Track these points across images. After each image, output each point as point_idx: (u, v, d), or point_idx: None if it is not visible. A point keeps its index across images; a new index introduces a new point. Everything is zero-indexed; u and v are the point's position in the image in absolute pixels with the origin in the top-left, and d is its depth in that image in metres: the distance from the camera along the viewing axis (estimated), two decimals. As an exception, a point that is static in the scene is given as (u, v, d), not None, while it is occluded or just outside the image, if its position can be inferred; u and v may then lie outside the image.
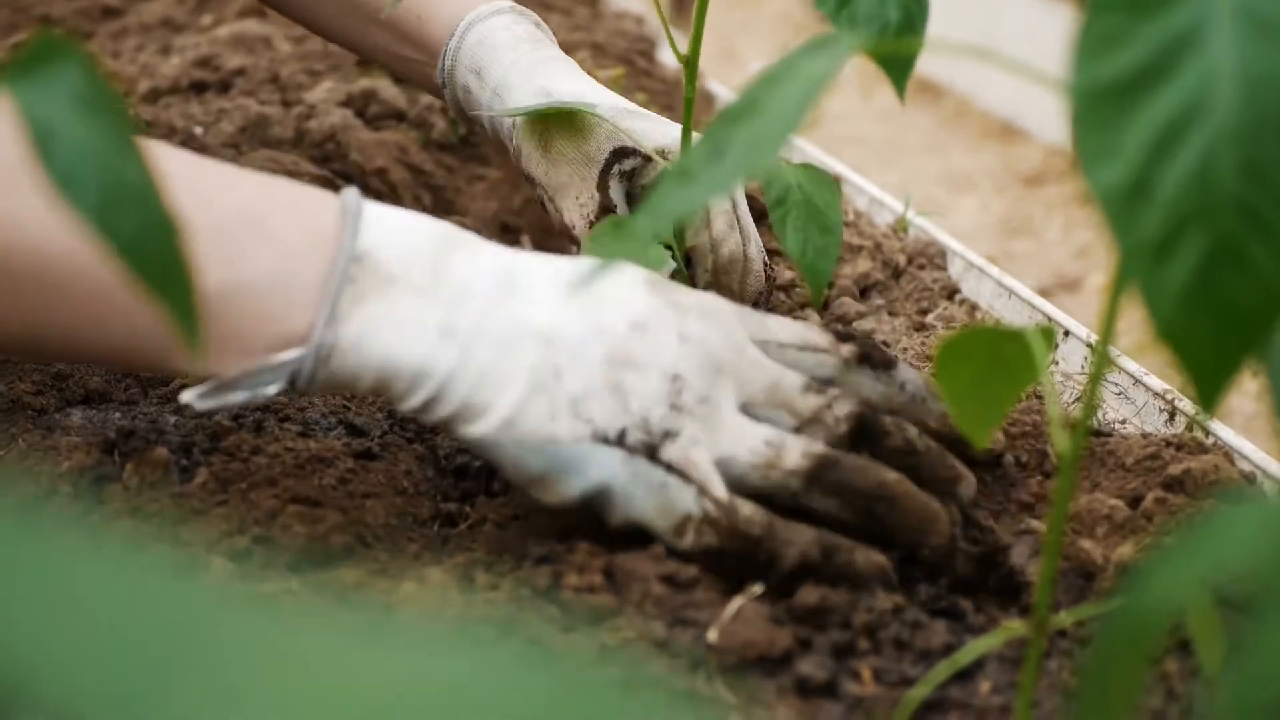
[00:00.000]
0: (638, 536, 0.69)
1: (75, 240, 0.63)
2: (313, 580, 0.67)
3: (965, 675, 0.63)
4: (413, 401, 0.68)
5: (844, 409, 0.70)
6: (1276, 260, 0.39)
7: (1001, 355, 0.52)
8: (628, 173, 0.98)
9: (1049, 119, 2.94)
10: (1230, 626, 0.53)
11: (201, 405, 0.68)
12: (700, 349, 0.69)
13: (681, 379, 0.68)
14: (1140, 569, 0.31)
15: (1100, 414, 0.90)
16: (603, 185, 0.97)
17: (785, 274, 1.07)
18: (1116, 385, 0.93)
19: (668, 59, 1.64)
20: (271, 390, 0.68)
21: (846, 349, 0.72)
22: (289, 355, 0.67)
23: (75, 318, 0.67)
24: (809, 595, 0.66)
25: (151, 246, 0.37)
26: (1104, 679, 0.29)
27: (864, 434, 0.70)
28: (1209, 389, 0.40)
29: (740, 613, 0.64)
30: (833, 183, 0.80)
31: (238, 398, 0.67)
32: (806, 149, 1.40)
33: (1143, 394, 0.91)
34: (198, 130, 1.28)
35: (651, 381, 0.68)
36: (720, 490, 0.67)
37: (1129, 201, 0.39)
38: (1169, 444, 0.74)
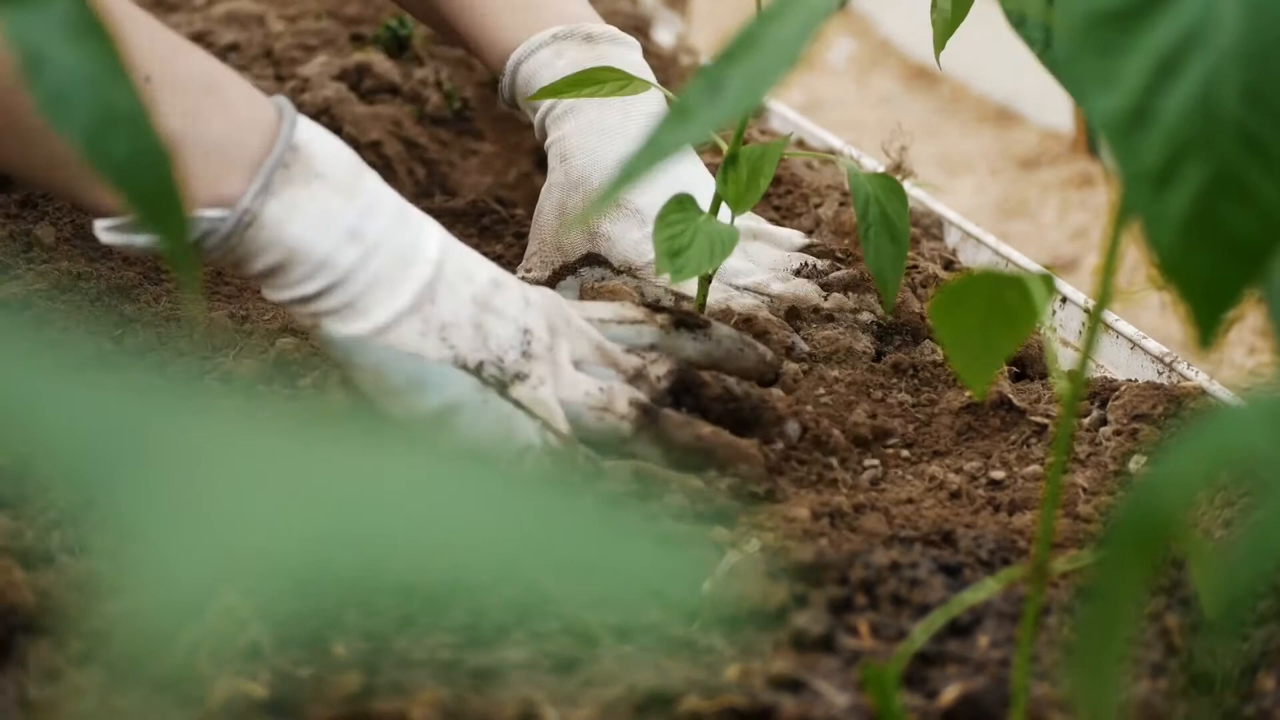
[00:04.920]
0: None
1: None
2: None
3: (964, 630, 0.63)
4: (305, 289, 0.72)
5: (662, 368, 0.78)
6: (1277, 189, 0.39)
7: (1001, 301, 0.51)
8: (596, 279, 0.94)
9: (1045, 103, 2.94)
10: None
11: (108, 239, 0.71)
12: (541, 311, 0.77)
13: (531, 332, 0.75)
14: (1151, 459, 0.31)
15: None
16: (555, 280, 0.95)
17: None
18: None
19: (663, 38, 1.63)
20: None
21: (662, 317, 0.80)
22: (213, 213, 0.71)
23: None
24: (804, 551, 0.66)
25: (144, 172, 0.36)
26: (1116, 563, 0.29)
27: (685, 388, 0.78)
28: (1207, 321, 0.40)
29: (735, 568, 0.64)
30: (902, 191, 0.85)
31: (142, 241, 0.71)
32: (806, 125, 1.40)
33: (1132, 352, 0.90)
34: (192, 104, 1.27)
35: (508, 329, 0.75)
36: (565, 425, 0.74)
37: (1129, 129, 0.38)
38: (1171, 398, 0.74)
